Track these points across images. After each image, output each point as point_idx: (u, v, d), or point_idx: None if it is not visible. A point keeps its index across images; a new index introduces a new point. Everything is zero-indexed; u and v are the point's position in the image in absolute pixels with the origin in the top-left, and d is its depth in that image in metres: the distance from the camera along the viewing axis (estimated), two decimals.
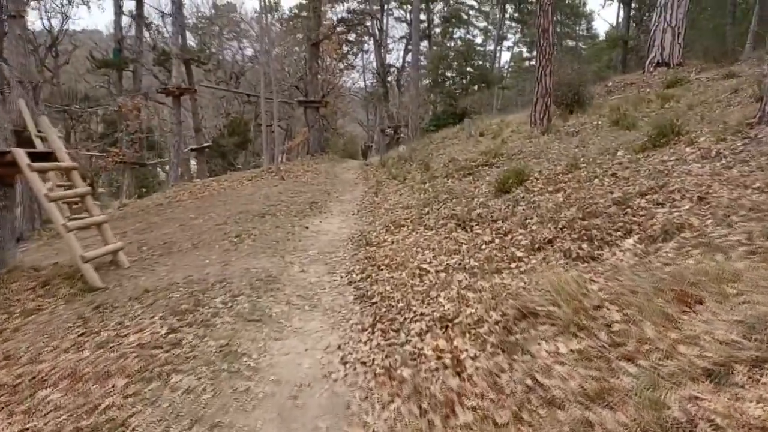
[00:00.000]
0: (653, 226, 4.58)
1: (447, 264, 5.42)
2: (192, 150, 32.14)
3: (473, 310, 4.04)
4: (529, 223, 5.76)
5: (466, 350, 3.53)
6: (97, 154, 28.89)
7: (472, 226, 6.49)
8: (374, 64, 44.60)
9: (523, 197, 6.80)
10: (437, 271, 5.28)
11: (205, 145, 32.27)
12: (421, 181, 11.11)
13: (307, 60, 27.05)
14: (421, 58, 35.75)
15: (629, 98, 14.46)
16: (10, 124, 9.89)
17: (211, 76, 44.21)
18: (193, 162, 34.28)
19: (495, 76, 40.83)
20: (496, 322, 3.71)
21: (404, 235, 7.25)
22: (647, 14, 45.49)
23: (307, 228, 8.97)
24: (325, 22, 29.76)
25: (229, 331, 4.32)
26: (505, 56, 58.49)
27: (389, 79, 43.42)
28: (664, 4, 17.64)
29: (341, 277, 5.98)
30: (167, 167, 25.33)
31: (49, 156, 7.11)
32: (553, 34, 12.70)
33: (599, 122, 11.65)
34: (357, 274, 5.92)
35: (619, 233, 4.74)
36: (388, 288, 5.15)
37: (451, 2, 45.11)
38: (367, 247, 7.10)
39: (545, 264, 4.69)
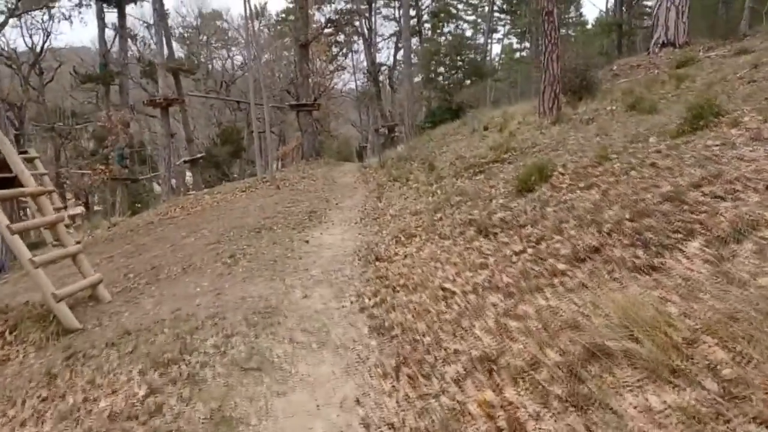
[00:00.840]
0: (720, 224, 3.79)
1: (474, 282, 4.63)
2: (185, 162, 31.44)
3: (521, 347, 3.25)
4: (565, 227, 4.97)
5: (524, 406, 2.75)
6: (84, 171, 28.13)
7: (496, 233, 5.70)
8: (365, 63, 43.92)
9: (551, 196, 6.01)
10: (464, 292, 4.50)
11: (199, 156, 31.54)
12: (427, 183, 10.34)
13: (296, 63, 26.25)
14: (413, 54, 34.92)
15: (640, 81, 13.70)
16: None
17: (201, 85, 43.51)
18: (188, 174, 33.60)
19: (488, 69, 40.09)
20: (557, 365, 2.93)
21: (417, 246, 6.47)
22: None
23: (307, 242, 8.18)
24: (313, 25, 29.00)
25: (222, 388, 3.52)
26: (496, 49, 57.67)
27: (380, 78, 42.64)
28: None
29: (351, 302, 5.18)
30: (161, 181, 24.53)
31: (12, 181, 6.31)
32: (558, 17, 11.93)
33: (613, 108, 10.92)
34: (369, 298, 5.13)
35: (679, 235, 3.94)
36: (409, 316, 4.36)
37: None
38: (377, 263, 6.31)
39: (595, 278, 3.91)
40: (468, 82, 35.33)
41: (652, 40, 17.78)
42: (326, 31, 40.22)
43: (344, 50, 45.18)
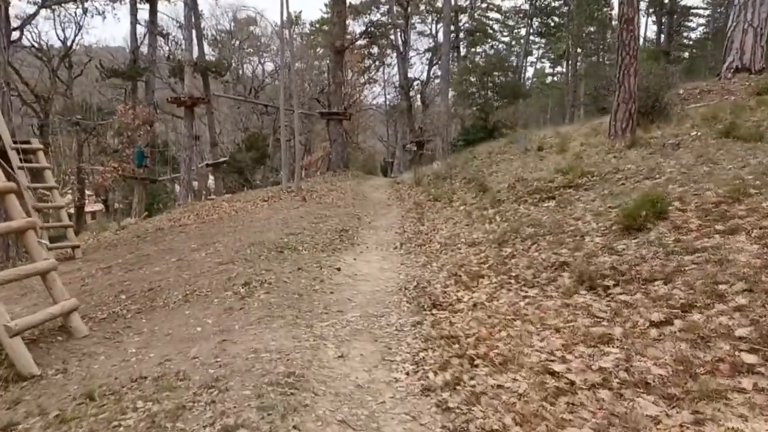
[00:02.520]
0: None
1: (601, 367, 3.10)
2: (208, 165, 30.42)
3: None
4: (726, 291, 3.43)
5: None
6: (97, 168, 27.11)
7: (607, 286, 4.17)
8: (396, 77, 42.80)
9: (677, 240, 4.46)
10: (590, 385, 2.96)
11: (222, 160, 30.49)
12: (480, 206, 8.82)
13: (330, 69, 25.04)
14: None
15: (720, 106, 12.09)
16: None
17: (230, 90, 42.73)
18: (211, 178, 32.58)
19: (527, 90, 38.64)
20: None
21: (488, 291, 4.94)
22: (682, 24, 43.19)
23: (338, 270, 6.69)
24: (347, 37, 27.81)
25: None
26: (528, 72, 56.17)
27: (412, 93, 41.44)
28: (743, 3, 15.24)
29: (407, 375, 3.65)
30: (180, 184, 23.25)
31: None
32: (638, 26, 10.42)
33: (698, 133, 9.35)
34: (433, 371, 3.59)
35: None
36: (507, 419, 2.82)
37: (476, 15, 43.26)
38: (435, 312, 4.78)
39: None
40: (504, 102, 33.87)
41: (724, 65, 16.11)
42: (361, 42, 39.30)
43: (377, 63, 44.17)
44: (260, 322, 4.75)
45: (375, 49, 42.54)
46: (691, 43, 45.44)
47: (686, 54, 43.45)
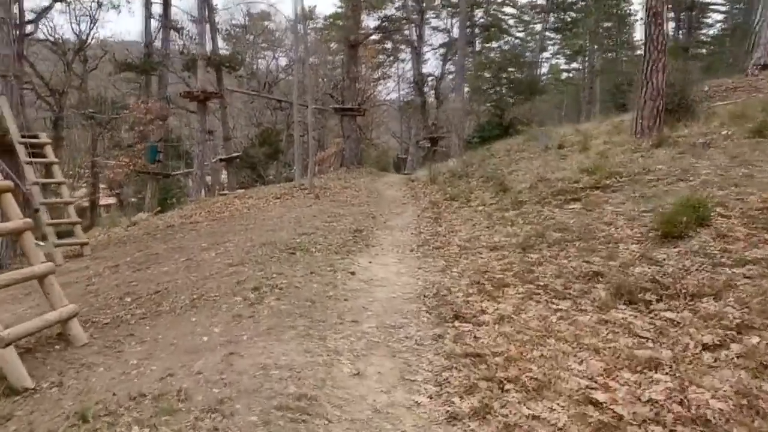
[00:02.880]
0: None
1: (651, 398, 2.75)
2: (221, 160, 30.25)
3: None
4: None
5: None
6: (109, 162, 27.03)
7: (649, 301, 3.81)
8: (410, 73, 42.39)
9: (723, 250, 4.09)
10: (641, 420, 2.62)
11: (235, 155, 30.27)
12: (501, 207, 8.44)
13: (344, 64, 24.71)
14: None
15: (751, 104, 11.60)
16: None
17: (245, 85, 42.58)
18: (223, 173, 32.44)
19: (543, 86, 38.04)
20: None
21: (515, 302, 4.59)
22: (700, 20, 42.21)
23: (353, 274, 6.37)
24: (361, 31, 27.45)
25: None
26: (543, 68, 55.21)
27: (425, 88, 41.03)
28: None
29: (429, 398, 3.31)
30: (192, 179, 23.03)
31: None
32: (667, 20, 9.98)
33: (728, 132, 8.92)
34: (459, 396, 3.25)
35: None
36: None
37: (491, 11, 42.62)
38: (457, 324, 4.44)
39: None
40: (520, 98, 33.30)
41: (750, 61, 15.56)
42: (375, 37, 38.90)
43: (391, 58, 43.80)
44: (270, 332, 4.45)
45: (389, 45, 42.19)
46: (709, 39, 44.49)
47: (704, 51, 42.52)
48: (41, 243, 7.06)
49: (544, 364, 3.38)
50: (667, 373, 2.98)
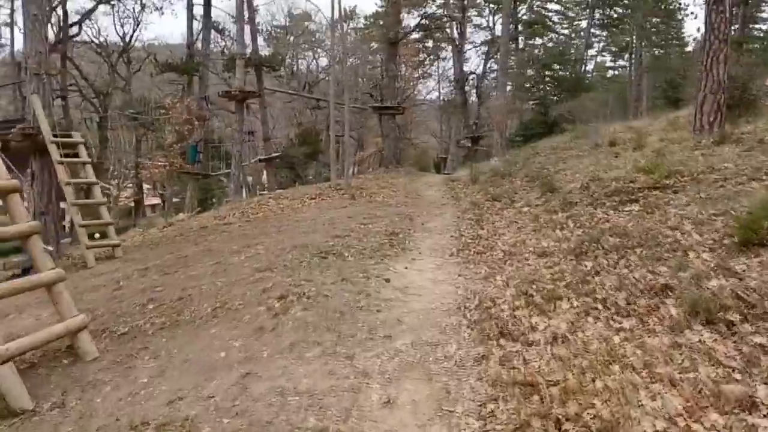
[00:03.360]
0: None
1: None
2: (260, 161, 30.24)
3: None
4: None
5: None
6: (148, 163, 27.27)
7: (731, 322, 3.19)
8: (451, 72, 41.64)
9: None
10: None
11: (274, 155, 30.25)
12: (549, 209, 7.81)
13: (383, 62, 24.26)
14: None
15: None
16: None
17: (285, 85, 42.73)
18: (264, 173, 32.50)
19: (589, 83, 36.62)
20: None
21: (569, 319, 4.00)
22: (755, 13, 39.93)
23: (387, 281, 5.88)
24: (401, 29, 26.95)
25: None
26: (589, 65, 53.28)
27: (467, 87, 40.20)
28: None
29: None
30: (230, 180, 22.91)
31: None
32: (730, 7, 9.14)
33: None
34: None
35: None
36: None
37: (535, 7, 41.42)
38: (503, 342, 3.89)
39: None
40: (565, 96, 32.14)
41: None
42: (415, 35, 38.36)
43: (431, 57, 43.14)
44: (293, 348, 4.00)
45: (430, 43, 41.55)
46: (762, 34, 42.11)
47: (757, 45, 40.26)
48: (49, 248, 6.82)
49: (609, 399, 2.81)
50: (765, 416, 2.39)
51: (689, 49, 42.11)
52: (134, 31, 39.02)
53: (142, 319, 5.30)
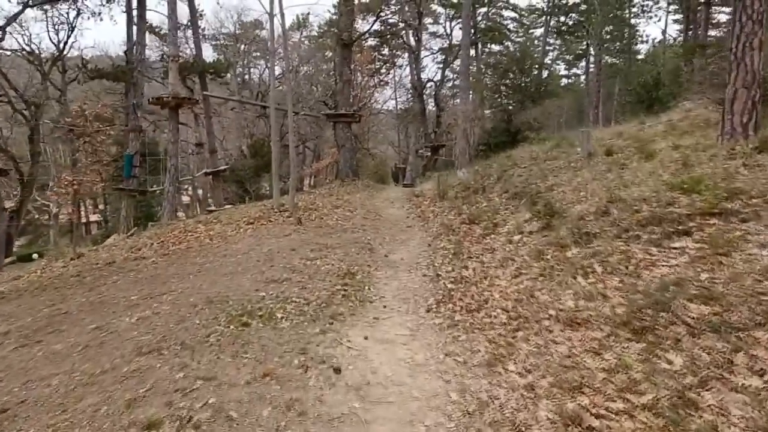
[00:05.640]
0: None
1: None
2: (206, 174, 27.89)
3: None
4: None
5: None
6: (72, 178, 24.40)
7: None
8: (408, 80, 40.00)
9: None
10: None
11: (221, 168, 27.80)
12: (557, 242, 5.78)
13: (337, 65, 22.16)
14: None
15: None
16: None
17: (236, 95, 40.26)
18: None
19: (553, 90, 35.43)
20: None
21: None
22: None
23: (337, 372, 3.76)
24: (355, 30, 24.94)
25: None
26: (543, 73, 52.27)
27: (425, 95, 38.59)
28: None
29: None
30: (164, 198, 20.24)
31: None
32: None
33: None
34: None
35: None
36: None
37: (491, 14, 40.30)
38: None
39: None
40: (527, 103, 30.74)
41: None
42: (371, 42, 36.61)
43: (387, 64, 41.37)
44: None
45: (386, 51, 39.93)
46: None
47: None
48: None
49: None
50: None
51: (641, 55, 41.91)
52: (68, 38, 35.78)
53: None
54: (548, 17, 42.67)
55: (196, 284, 6.56)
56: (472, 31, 34.94)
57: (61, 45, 36.70)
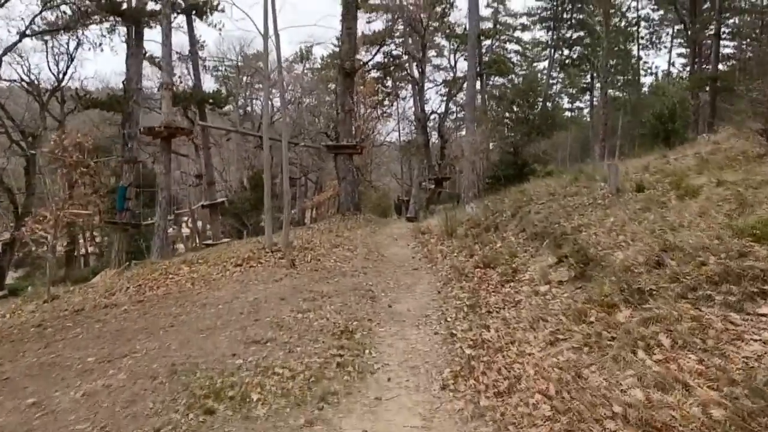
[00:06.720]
0: None
1: None
2: (203, 207, 27.07)
3: None
4: None
5: None
6: (75, 211, 23.53)
7: None
8: (411, 111, 39.44)
9: None
10: None
11: (219, 200, 26.98)
12: (599, 299, 4.74)
13: (338, 95, 21.40)
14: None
15: None
16: None
17: (239, 126, 39.75)
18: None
19: (561, 122, 34.72)
20: None
21: None
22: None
23: None
24: (357, 59, 24.31)
25: None
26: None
27: (428, 127, 38.01)
28: None
29: None
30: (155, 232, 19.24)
31: None
32: None
33: None
34: None
35: None
36: None
37: (495, 47, 40.07)
38: None
39: None
40: (534, 136, 29.98)
41: None
42: (374, 75, 36.21)
43: (390, 96, 40.90)
44: None
45: (389, 82, 39.49)
46: None
47: None
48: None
49: None
50: None
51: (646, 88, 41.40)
52: (68, 68, 35.37)
53: None
54: (552, 50, 42.47)
55: (164, 343, 5.52)
56: (478, 63, 34.51)
57: (61, 75, 36.36)
